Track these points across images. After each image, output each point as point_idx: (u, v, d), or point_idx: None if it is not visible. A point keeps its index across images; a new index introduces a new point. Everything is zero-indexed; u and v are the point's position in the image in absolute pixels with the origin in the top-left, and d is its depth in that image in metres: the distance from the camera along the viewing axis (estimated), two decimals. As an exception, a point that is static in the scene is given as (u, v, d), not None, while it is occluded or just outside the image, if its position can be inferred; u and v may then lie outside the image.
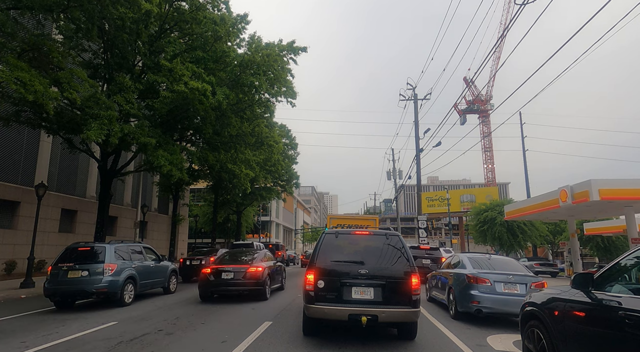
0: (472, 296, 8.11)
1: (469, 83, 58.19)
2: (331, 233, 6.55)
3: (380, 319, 5.70)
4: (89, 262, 9.65)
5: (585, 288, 3.73)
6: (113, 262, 9.85)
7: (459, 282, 8.73)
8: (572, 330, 3.71)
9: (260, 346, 5.90)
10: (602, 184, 15.01)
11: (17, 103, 13.30)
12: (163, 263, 12.59)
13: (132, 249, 11.15)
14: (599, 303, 3.44)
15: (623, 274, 3.61)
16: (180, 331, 6.93)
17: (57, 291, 9.41)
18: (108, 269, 9.63)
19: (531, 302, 4.59)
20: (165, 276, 12.46)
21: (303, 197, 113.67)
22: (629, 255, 3.58)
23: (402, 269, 5.98)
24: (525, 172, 33.95)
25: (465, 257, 9.57)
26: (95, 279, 9.43)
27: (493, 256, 9.72)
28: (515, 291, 8.07)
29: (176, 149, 15.94)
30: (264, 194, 36.19)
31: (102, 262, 9.64)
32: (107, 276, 9.57)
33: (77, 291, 9.45)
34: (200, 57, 16.38)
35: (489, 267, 8.83)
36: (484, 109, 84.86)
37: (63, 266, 9.58)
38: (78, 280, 9.41)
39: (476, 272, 8.49)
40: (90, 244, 10.51)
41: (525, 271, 8.74)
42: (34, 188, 15.22)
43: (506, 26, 10.54)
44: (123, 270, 10.04)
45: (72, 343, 6.13)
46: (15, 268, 17.73)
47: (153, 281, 11.69)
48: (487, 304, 7.95)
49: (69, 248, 10.14)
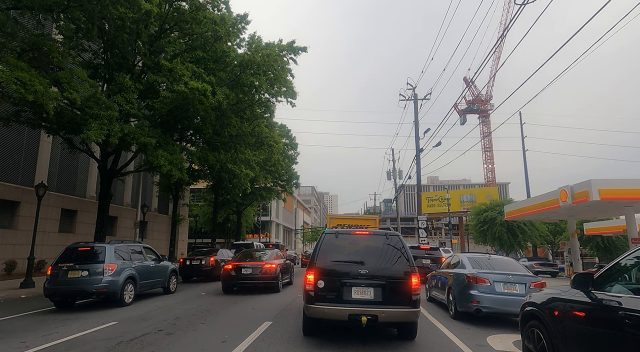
0: (472, 296, 8.11)
1: (469, 83, 58.19)
2: (331, 233, 6.54)
3: (380, 319, 5.69)
4: (89, 262, 9.65)
5: (585, 288, 3.73)
6: (113, 262, 9.85)
7: (459, 282, 8.74)
8: (572, 330, 3.71)
9: (260, 346, 5.90)
10: (602, 184, 15.01)
11: (17, 103, 13.29)
12: (163, 263, 12.61)
13: (132, 249, 11.16)
14: (599, 303, 3.44)
15: (623, 274, 3.61)
16: (180, 331, 6.93)
17: (57, 291, 9.41)
18: (108, 269, 9.63)
19: (531, 302, 4.59)
20: (165, 276, 12.46)
21: (303, 197, 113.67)
22: (628, 255, 3.57)
23: (402, 269, 5.97)
24: (525, 172, 33.95)
25: (465, 257, 9.56)
26: (95, 279, 9.43)
27: (493, 256, 9.70)
28: (515, 291, 8.08)
29: (176, 149, 15.94)
30: (264, 194, 36.18)
31: (102, 262, 9.64)
32: (107, 276, 9.57)
33: (77, 291, 9.45)
34: (200, 57, 16.38)
35: (489, 267, 8.83)
36: (484, 109, 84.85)
37: (63, 266, 9.58)
38: (78, 280, 9.41)
39: (476, 272, 8.49)
40: (90, 244, 10.51)
41: (525, 271, 8.75)
42: (34, 188, 15.23)
43: (506, 26, 10.54)
44: (123, 270, 10.04)
45: (72, 343, 6.13)
46: (15, 268, 17.73)
47: (153, 281, 11.70)
48: (487, 303, 7.96)
49: (68, 248, 10.14)
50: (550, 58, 9.60)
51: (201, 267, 16.88)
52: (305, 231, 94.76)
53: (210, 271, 16.79)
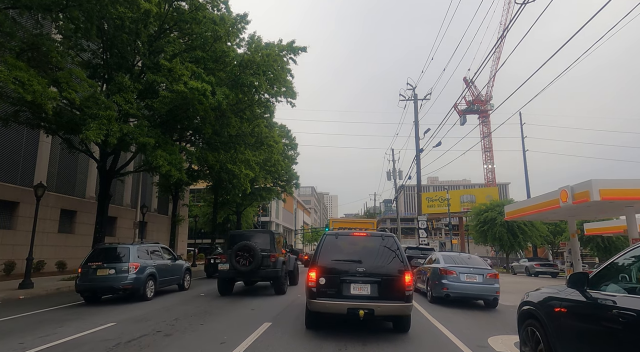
0: (443, 284, 10.46)
1: (469, 83, 58.15)
2: (331, 234, 7.07)
3: (377, 313, 6.19)
4: (115, 261, 10.65)
5: (580, 287, 3.77)
6: (136, 261, 10.83)
7: (434, 274, 11.07)
8: (567, 328, 3.76)
9: (259, 347, 5.85)
10: (602, 184, 14.94)
11: (16, 103, 13.25)
12: (178, 262, 13.57)
13: (151, 249, 12.21)
14: (594, 302, 3.48)
15: (618, 273, 3.64)
16: (178, 332, 6.88)
17: (87, 288, 10.42)
18: (132, 267, 10.62)
19: (528, 301, 4.62)
20: (180, 273, 13.39)
21: (303, 197, 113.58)
22: (624, 254, 3.60)
23: (396, 267, 6.46)
24: (525, 172, 33.94)
25: (440, 255, 12.01)
26: (122, 277, 10.41)
27: (462, 254, 12.66)
28: (475, 280, 10.48)
29: (175, 149, 15.88)
30: (263, 195, 36.12)
31: (127, 261, 10.63)
32: (132, 273, 10.56)
33: (105, 287, 10.46)
34: (200, 57, 16.31)
35: (458, 262, 11.15)
36: (484, 109, 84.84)
37: (92, 264, 10.53)
38: (106, 277, 10.40)
39: (447, 266, 10.75)
40: (115, 245, 11.64)
41: (484, 265, 11.14)
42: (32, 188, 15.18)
43: (506, 26, 10.51)
44: (145, 268, 11.04)
45: (69, 344, 6.08)
46: (15, 269, 17.66)
47: (170, 278, 12.67)
48: (454, 290, 10.33)
49: (96, 249, 11.30)
50: (551, 58, 9.57)
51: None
52: (305, 232, 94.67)
53: None
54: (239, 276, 12.08)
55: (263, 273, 11.96)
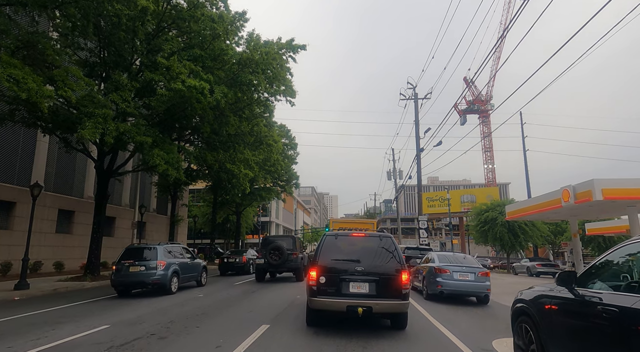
0: (437, 282, 11.07)
1: (469, 83, 57.99)
2: (331, 235, 7.32)
3: (375, 310, 6.37)
4: (145, 260, 11.90)
5: (568, 285, 3.92)
6: (163, 259, 12.05)
7: (429, 273, 11.63)
8: (557, 324, 3.94)
9: (256, 351, 5.68)
10: (605, 183, 14.76)
11: (11, 102, 13.10)
12: (196, 260, 14.79)
13: (174, 249, 13.50)
14: (581, 299, 3.63)
15: (604, 271, 3.80)
16: (173, 335, 6.70)
17: (121, 282, 11.77)
18: (160, 265, 11.85)
19: (521, 299, 4.80)
20: (198, 271, 14.64)
21: (303, 197, 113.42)
22: (610, 253, 3.74)
23: (393, 266, 6.66)
24: (525, 172, 33.80)
25: (435, 254, 12.52)
26: (151, 273, 11.71)
27: (456, 254, 13.25)
28: (467, 278, 11.06)
29: (173, 148, 15.72)
30: (263, 195, 35.96)
31: (155, 259, 11.86)
32: (160, 270, 11.83)
33: (137, 282, 11.76)
34: (198, 55, 16.15)
35: (451, 261, 11.70)
36: (484, 109, 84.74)
37: (125, 262, 11.80)
38: (137, 273, 11.70)
39: (441, 265, 11.35)
40: (144, 245, 13.15)
41: (476, 264, 11.69)
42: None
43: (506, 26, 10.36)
44: (170, 265, 12.28)
45: (60, 348, 5.90)
46: (11, 269, 17.49)
47: (190, 275, 13.90)
48: (447, 287, 10.93)
49: (128, 248, 12.60)
50: (551, 58, 9.42)
51: (235, 264, 21.10)
52: (305, 232, 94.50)
53: (242, 266, 20.97)
54: (271, 268, 16.30)
55: (288, 265, 16.16)
